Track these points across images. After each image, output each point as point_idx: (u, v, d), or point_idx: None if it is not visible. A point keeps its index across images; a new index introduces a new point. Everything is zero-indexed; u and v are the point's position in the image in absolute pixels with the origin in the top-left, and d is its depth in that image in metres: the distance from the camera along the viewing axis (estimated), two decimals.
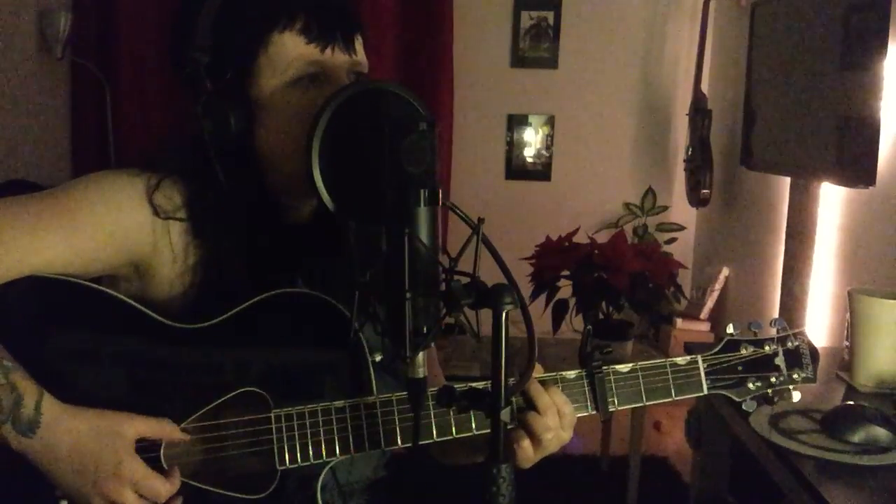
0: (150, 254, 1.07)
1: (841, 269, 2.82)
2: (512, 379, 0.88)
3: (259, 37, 1.08)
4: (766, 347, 1.17)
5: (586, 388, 1.10)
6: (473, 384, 0.94)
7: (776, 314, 3.24)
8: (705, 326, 4.06)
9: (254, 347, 1.04)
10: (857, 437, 1.57)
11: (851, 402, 1.76)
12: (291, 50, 1.07)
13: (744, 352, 1.16)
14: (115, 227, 1.04)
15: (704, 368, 1.14)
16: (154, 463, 1.01)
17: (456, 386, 0.94)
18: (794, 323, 1.21)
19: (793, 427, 1.63)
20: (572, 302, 2.95)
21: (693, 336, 3.85)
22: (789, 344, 1.18)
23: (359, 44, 1.12)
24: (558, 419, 1.04)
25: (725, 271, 4.03)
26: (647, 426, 3.38)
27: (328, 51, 1.08)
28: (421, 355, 0.88)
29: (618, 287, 2.85)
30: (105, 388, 1.02)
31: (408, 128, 0.84)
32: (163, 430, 1.00)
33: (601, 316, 2.95)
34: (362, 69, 1.13)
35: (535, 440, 1.03)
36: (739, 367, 1.15)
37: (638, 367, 1.12)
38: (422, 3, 4.16)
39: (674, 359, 1.14)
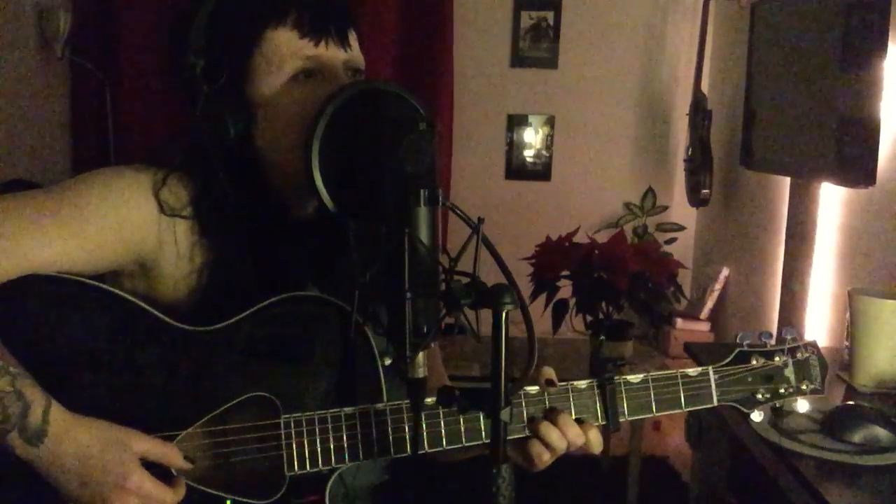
0: (156, 250, 1.06)
1: (841, 269, 2.82)
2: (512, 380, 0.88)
3: (252, 35, 1.07)
4: (777, 359, 1.16)
5: (597, 399, 1.09)
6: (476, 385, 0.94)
7: (776, 314, 3.24)
8: (705, 326, 4.05)
9: (263, 351, 1.03)
10: (857, 437, 1.57)
11: (851, 402, 1.76)
12: (285, 46, 1.07)
13: (754, 363, 1.15)
14: (121, 223, 1.04)
15: (715, 380, 1.13)
16: (163, 470, 1.00)
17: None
18: (794, 323, 1.20)
19: (793, 427, 1.63)
20: (572, 302, 2.95)
21: (693, 336, 3.85)
22: (799, 355, 1.17)
23: (353, 38, 1.12)
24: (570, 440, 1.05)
25: (725, 271, 4.03)
26: (647, 426, 3.37)
27: (322, 45, 1.08)
28: (421, 355, 0.88)
29: (618, 287, 2.85)
30: (112, 389, 1.01)
31: (408, 128, 0.84)
32: (166, 454, 0.99)
33: (601, 316, 2.95)
34: (358, 64, 1.12)
35: (551, 449, 1.04)
36: (749, 379, 1.14)
37: (649, 378, 1.11)
38: (422, 3, 4.16)
39: (685, 370, 1.13)
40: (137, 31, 3.93)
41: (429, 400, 1.02)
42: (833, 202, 2.87)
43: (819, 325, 2.88)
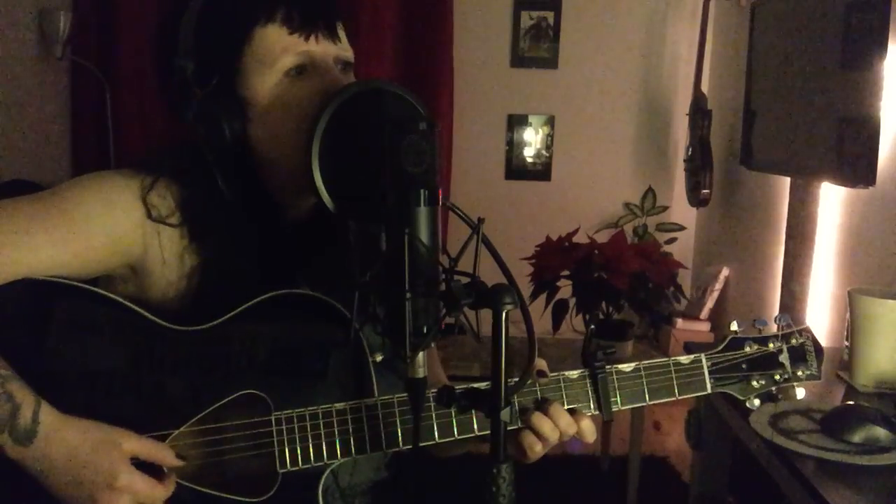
0: (143, 255, 1.06)
1: (841, 269, 2.82)
2: (512, 380, 0.88)
3: (242, 34, 1.07)
4: (771, 345, 1.16)
5: (589, 389, 1.09)
6: (475, 385, 0.94)
7: (776, 314, 3.24)
8: (705, 326, 4.06)
9: (253, 349, 1.04)
10: (857, 437, 1.57)
11: (851, 402, 1.76)
12: (275, 43, 1.07)
13: (748, 349, 1.15)
14: (111, 228, 1.04)
15: (708, 367, 1.13)
16: (153, 466, 1.00)
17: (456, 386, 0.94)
18: (794, 323, 1.20)
19: (793, 427, 1.63)
20: (572, 302, 2.95)
21: (693, 336, 3.85)
22: (794, 341, 1.17)
23: (342, 31, 1.12)
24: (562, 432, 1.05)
25: (725, 271, 4.03)
26: (647, 426, 3.38)
27: (312, 39, 1.07)
28: (421, 355, 0.88)
29: (618, 287, 2.85)
30: (103, 391, 1.02)
31: (408, 128, 0.84)
32: (158, 452, 0.99)
33: (601, 316, 2.95)
34: (348, 57, 1.12)
35: (544, 440, 1.04)
36: (743, 365, 1.14)
37: (641, 366, 1.11)
38: (422, 3, 4.16)
39: (677, 358, 1.13)
40: (137, 31, 3.93)
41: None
42: (833, 202, 2.87)
43: (819, 325, 2.88)
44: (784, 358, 1.16)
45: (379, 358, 1.02)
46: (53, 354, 1.02)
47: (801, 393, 1.16)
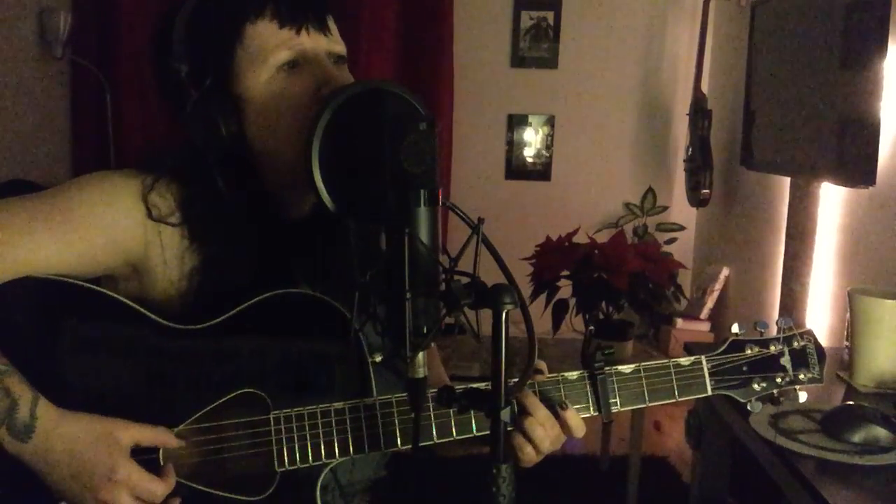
0: (144, 254, 1.07)
1: (841, 269, 2.82)
2: (513, 380, 0.88)
3: (233, 32, 1.07)
4: (772, 347, 1.15)
5: (588, 390, 1.09)
6: (474, 384, 0.94)
7: (776, 314, 3.24)
8: (705, 326, 4.06)
9: (253, 348, 1.04)
10: (857, 437, 1.57)
11: (851, 402, 1.76)
12: (267, 38, 1.07)
13: (749, 352, 1.14)
14: (111, 227, 1.04)
15: (709, 369, 1.13)
16: (153, 464, 1.00)
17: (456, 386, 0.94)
18: (794, 323, 1.19)
19: (793, 427, 1.63)
20: (572, 302, 2.95)
21: (693, 336, 3.85)
22: (795, 344, 1.15)
23: (332, 24, 1.12)
24: (549, 428, 1.05)
25: (725, 271, 4.03)
26: (647, 426, 3.37)
27: (303, 33, 1.08)
28: (421, 355, 0.88)
29: (618, 287, 2.85)
30: (103, 389, 1.02)
31: (408, 128, 0.84)
32: (158, 437, 1.00)
33: (601, 316, 2.95)
34: (340, 51, 1.12)
35: (535, 445, 1.04)
36: (744, 368, 1.14)
37: (641, 367, 1.11)
38: (422, 3, 4.16)
39: (677, 359, 1.12)
40: (137, 31, 3.93)
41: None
42: (833, 202, 2.87)
43: (819, 325, 2.88)
44: (785, 361, 1.15)
45: (378, 358, 1.02)
46: (54, 352, 1.02)
47: (803, 396, 1.15)
